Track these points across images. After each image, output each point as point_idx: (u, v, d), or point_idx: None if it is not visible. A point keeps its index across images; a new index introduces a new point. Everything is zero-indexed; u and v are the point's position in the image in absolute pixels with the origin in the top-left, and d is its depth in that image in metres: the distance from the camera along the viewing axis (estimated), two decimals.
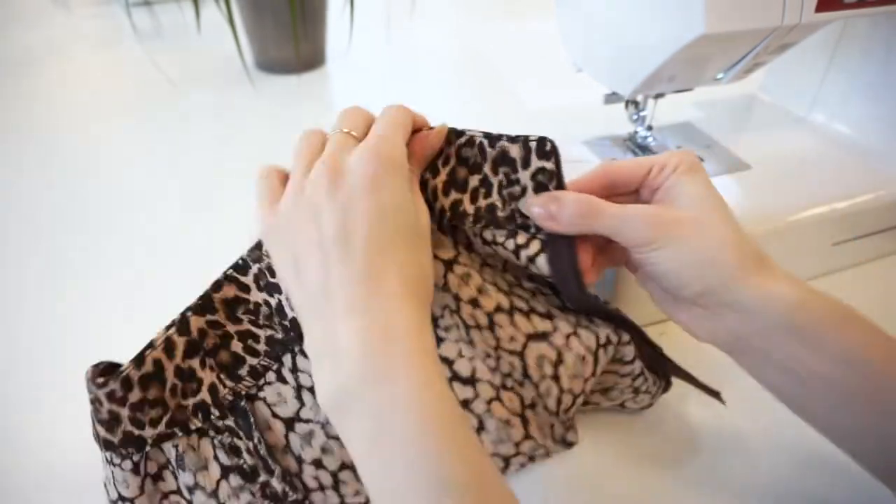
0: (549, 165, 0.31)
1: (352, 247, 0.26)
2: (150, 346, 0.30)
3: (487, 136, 0.31)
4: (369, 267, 0.26)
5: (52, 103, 0.83)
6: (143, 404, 0.29)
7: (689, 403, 0.39)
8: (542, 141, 0.31)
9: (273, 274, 0.31)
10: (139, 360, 0.29)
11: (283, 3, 0.79)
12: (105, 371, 0.30)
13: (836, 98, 0.53)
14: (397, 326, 0.25)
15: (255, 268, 0.31)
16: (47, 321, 0.48)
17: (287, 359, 0.32)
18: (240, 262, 0.31)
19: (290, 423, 0.31)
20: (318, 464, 0.31)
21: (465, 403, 0.31)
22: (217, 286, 0.31)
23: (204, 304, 0.31)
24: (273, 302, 0.31)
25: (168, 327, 0.30)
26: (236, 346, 0.31)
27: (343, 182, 0.27)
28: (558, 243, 0.31)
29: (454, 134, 0.32)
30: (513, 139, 0.31)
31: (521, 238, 0.31)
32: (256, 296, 0.31)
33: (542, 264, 0.31)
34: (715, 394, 0.36)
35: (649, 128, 0.51)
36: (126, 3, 0.96)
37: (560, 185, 0.31)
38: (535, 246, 0.31)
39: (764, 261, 0.29)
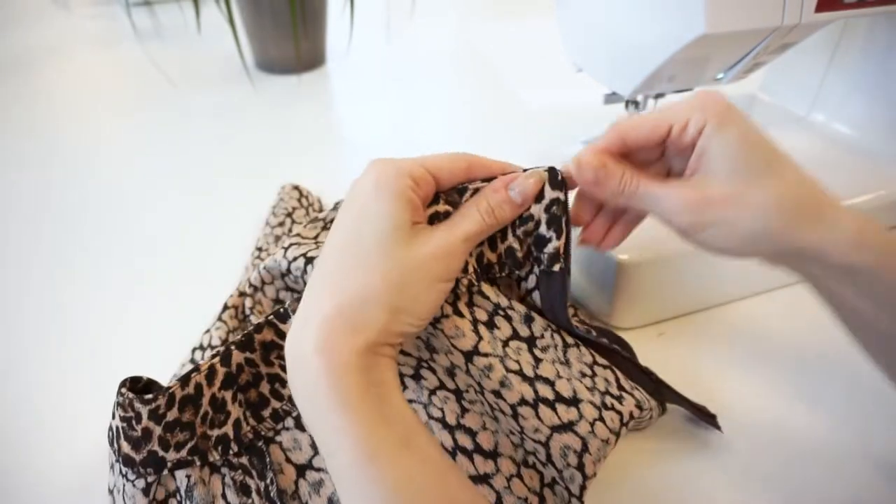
0: (562, 196, 0.31)
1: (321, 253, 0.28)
2: (196, 369, 0.30)
3: (489, 180, 0.31)
4: (320, 276, 0.27)
5: (52, 103, 0.83)
6: (175, 425, 0.29)
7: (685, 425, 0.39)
8: (553, 171, 0.30)
9: None
10: (185, 380, 0.30)
11: (283, 3, 0.79)
12: (133, 386, 0.30)
13: (836, 98, 0.53)
14: (315, 350, 0.25)
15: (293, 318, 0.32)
16: (47, 320, 0.48)
17: None
18: (281, 310, 0.32)
19: (301, 470, 0.32)
20: None
21: (485, 477, 0.30)
22: (259, 328, 0.32)
23: (246, 342, 0.32)
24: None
25: (213, 356, 0.31)
26: (265, 386, 0.32)
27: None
28: (551, 281, 0.31)
29: (456, 192, 0.30)
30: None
31: (524, 271, 0.32)
32: None
33: (537, 299, 0.32)
34: (711, 418, 0.36)
35: None
36: (126, 3, 0.96)
37: (568, 217, 0.31)
38: (531, 280, 0.32)
39: (821, 206, 0.28)
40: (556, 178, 0.30)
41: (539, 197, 0.30)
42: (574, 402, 0.30)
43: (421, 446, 0.24)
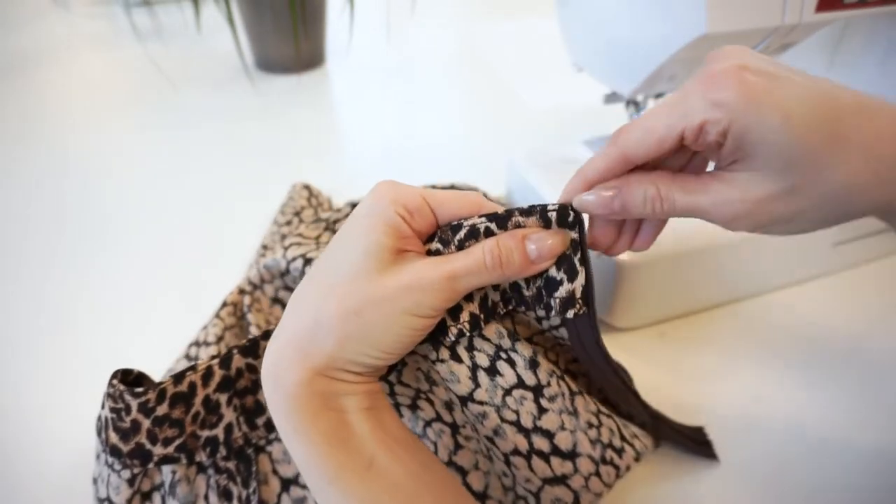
0: (574, 235, 0.27)
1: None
2: (192, 368, 0.30)
3: (494, 217, 0.26)
4: (295, 297, 0.26)
5: (51, 103, 0.83)
6: (165, 420, 0.29)
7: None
8: (563, 210, 0.26)
9: None
10: (179, 377, 0.30)
11: (283, 3, 0.79)
12: (124, 378, 0.30)
13: None
14: (266, 374, 0.25)
15: None
16: (37, 318, 0.48)
17: None
18: None
19: (286, 484, 0.32)
20: None
21: None
22: (266, 334, 0.31)
23: (250, 347, 0.31)
24: None
25: (213, 357, 0.31)
26: (262, 395, 0.32)
27: None
28: (575, 327, 0.28)
29: (450, 229, 0.26)
30: (527, 211, 0.26)
31: (540, 312, 0.29)
32: None
33: (564, 333, 0.30)
34: (707, 447, 0.35)
35: None
36: (126, 3, 0.96)
37: (584, 255, 0.27)
38: (555, 319, 0.30)
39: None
40: (567, 218, 0.26)
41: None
42: (572, 455, 0.29)
43: (386, 469, 0.24)
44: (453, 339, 0.27)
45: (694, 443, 0.35)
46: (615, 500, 0.34)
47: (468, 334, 0.27)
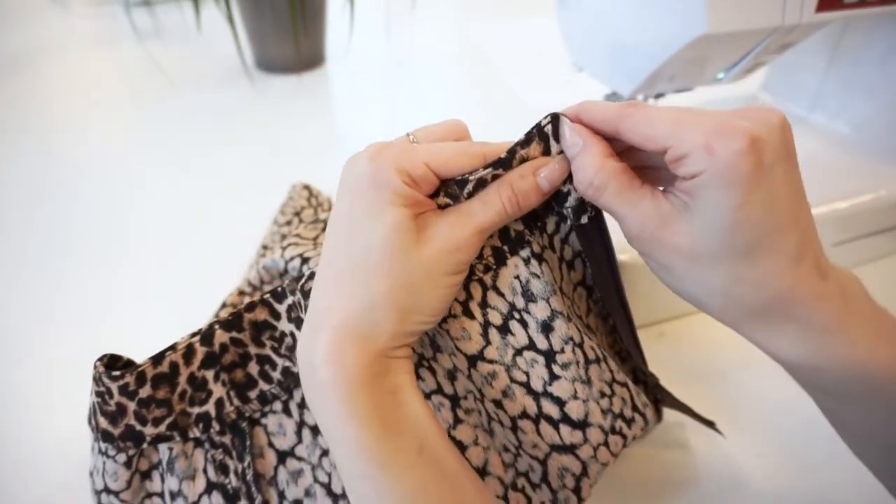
0: None
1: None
2: (172, 348, 0.30)
3: (500, 164, 0.26)
4: (331, 277, 0.26)
5: (50, 103, 0.83)
6: (151, 402, 0.29)
7: (686, 430, 0.39)
8: (555, 119, 0.27)
9: (304, 309, 0.30)
10: (158, 358, 0.29)
11: (283, 2, 0.79)
12: (110, 363, 0.30)
13: (836, 98, 0.53)
14: (323, 362, 0.25)
15: (290, 298, 0.31)
16: (33, 317, 0.48)
17: (297, 393, 0.31)
18: (279, 289, 0.31)
19: (282, 457, 0.31)
20: None
21: None
22: (250, 307, 0.31)
23: (232, 321, 0.31)
24: (298, 335, 0.31)
25: (193, 335, 0.30)
26: (253, 368, 0.31)
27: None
28: (588, 234, 0.29)
29: (456, 184, 0.27)
30: (525, 141, 0.27)
31: (551, 225, 0.29)
32: (285, 325, 0.31)
33: (574, 241, 0.30)
34: (709, 423, 0.36)
35: None
36: (126, 3, 0.96)
37: None
38: (564, 229, 0.30)
39: (781, 310, 0.24)
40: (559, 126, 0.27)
41: (546, 151, 0.27)
42: (582, 425, 0.29)
43: (436, 453, 0.24)
44: (481, 275, 0.28)
45: (696, 416, 0.35)
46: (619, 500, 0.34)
47: (494, 268, 0.28)
